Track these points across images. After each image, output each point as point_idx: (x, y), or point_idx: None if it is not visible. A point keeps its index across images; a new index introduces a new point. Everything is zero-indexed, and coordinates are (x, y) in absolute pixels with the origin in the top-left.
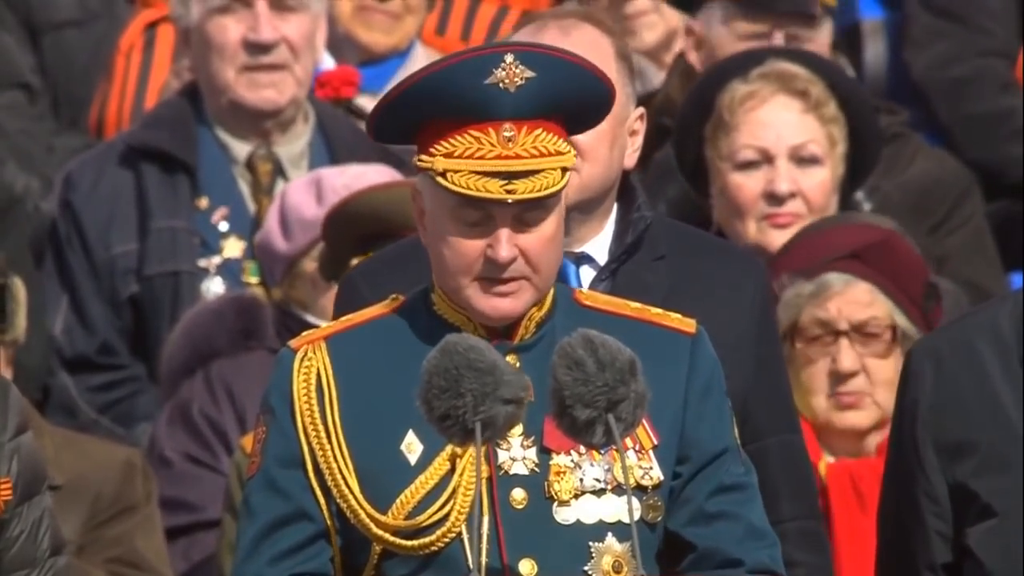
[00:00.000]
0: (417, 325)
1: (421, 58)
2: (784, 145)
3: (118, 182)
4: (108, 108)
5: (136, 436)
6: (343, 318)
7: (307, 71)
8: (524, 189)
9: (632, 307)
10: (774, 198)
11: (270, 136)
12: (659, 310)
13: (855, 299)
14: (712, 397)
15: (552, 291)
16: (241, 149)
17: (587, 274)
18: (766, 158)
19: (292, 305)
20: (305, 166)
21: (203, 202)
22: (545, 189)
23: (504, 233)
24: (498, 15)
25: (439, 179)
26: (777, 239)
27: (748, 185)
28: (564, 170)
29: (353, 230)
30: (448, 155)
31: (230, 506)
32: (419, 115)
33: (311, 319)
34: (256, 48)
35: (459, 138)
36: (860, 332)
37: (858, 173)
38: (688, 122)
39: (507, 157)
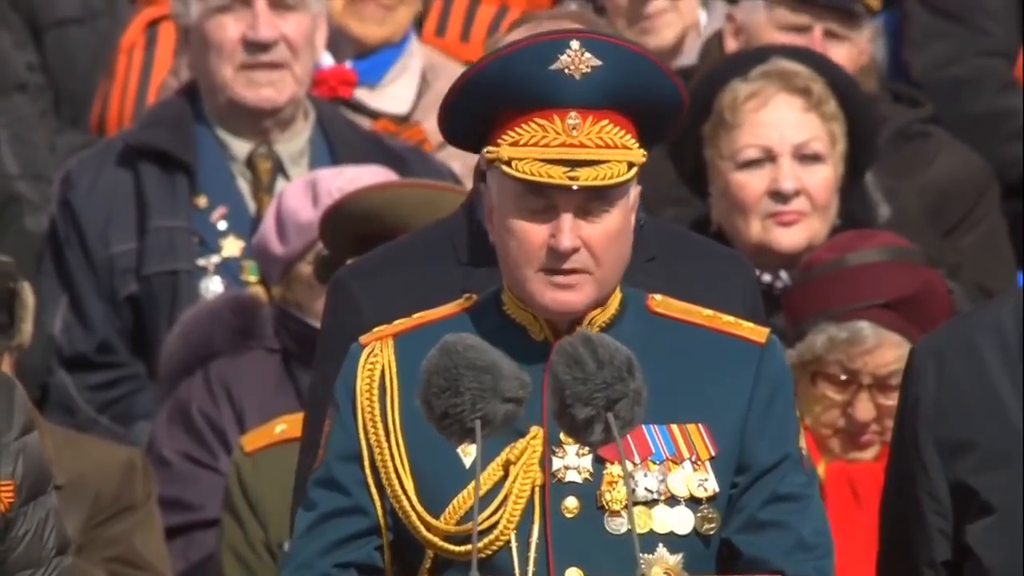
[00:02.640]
0: (485, 325)
1: (417, 50)
2: (787, 143)
3: (116, 181)
4: (110, 106)
5: (135, 435)
6: (415, 315)
7: (306, 70)
8: (587, 177)
9: (704, 315)
10: (779, 196)
11: (269, 135)
12: (731, 318)
13: (883, 358)
14: (776, 407)
15: (621, 295)
16: (240, 147)
17: None
18: (769, 156)
19: (290, 306)
20: (305, 164)
21: (202, 201)
22: (609, 179)
23: (567, 221)
24: (497, 15)
25: (504, 168)
26: (782, 237)
27: (751, 184)
28: (631, 165)
29: (349, 231)
30: (514, 143)
31: (229, 506)
32: (485, 107)
33: (309, 321)
34: (255, 47)
35: (524, 127)
36: (880, 384)
37: (856, 171)
38: (688, 123)
39: (571, 145)
